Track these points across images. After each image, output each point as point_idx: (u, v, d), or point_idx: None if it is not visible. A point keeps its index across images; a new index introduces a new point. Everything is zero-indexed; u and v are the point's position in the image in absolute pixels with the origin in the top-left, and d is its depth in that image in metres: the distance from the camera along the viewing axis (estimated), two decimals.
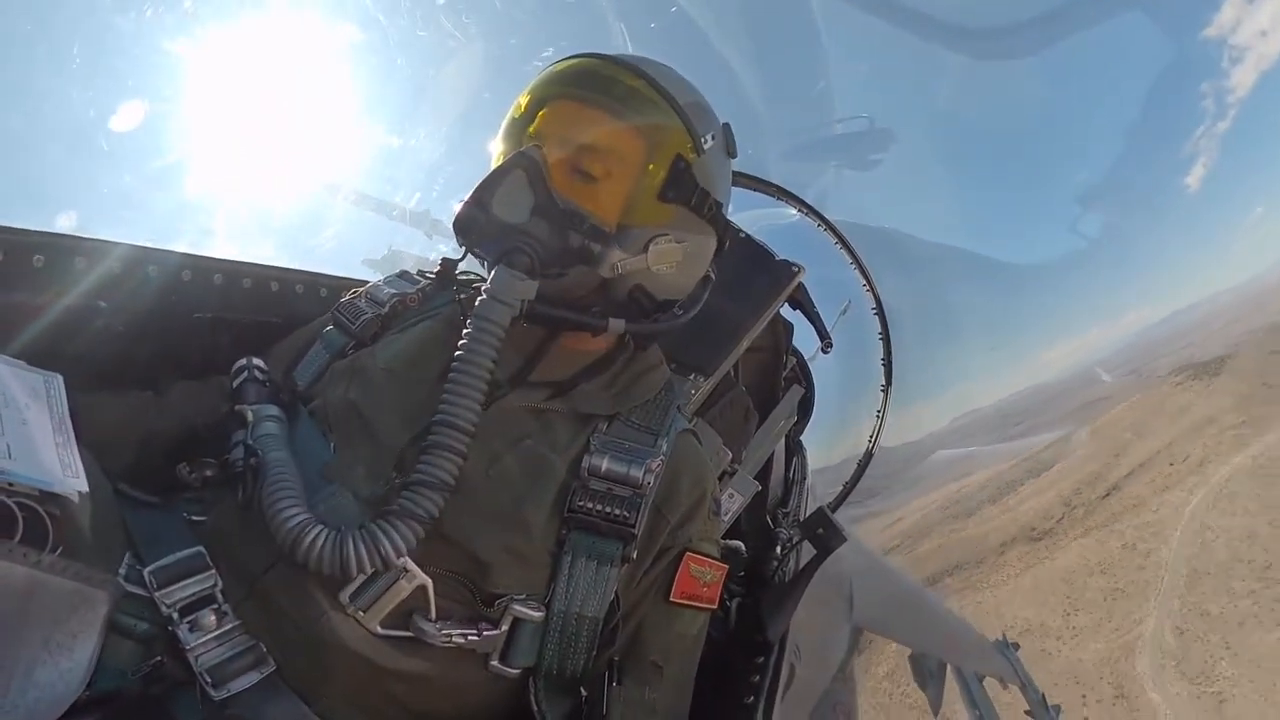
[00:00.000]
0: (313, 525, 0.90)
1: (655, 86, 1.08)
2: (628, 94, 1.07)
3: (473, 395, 0.95)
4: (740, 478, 1.80)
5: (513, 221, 1.01)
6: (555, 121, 1.07)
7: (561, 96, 1.08)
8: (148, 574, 0.94)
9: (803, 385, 2.30)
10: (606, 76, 1.08)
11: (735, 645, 1.55)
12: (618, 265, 1.07)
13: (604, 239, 1.05)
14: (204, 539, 1.01)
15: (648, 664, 1.06)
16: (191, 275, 1.33)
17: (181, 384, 1.23)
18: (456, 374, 0.96)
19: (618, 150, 1.06)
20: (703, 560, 1.09)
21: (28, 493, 0.79)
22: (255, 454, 0.99)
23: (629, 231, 1.07)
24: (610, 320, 1.07)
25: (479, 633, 0.95)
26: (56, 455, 0.86)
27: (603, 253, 1.05)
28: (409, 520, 0.90)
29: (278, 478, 0.95)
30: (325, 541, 0.89)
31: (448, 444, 0.93)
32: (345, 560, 0.88)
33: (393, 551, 0.89)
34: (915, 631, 5.49)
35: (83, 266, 1.19)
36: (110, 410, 1.14)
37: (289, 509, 0.91)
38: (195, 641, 0.91)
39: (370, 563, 0.89)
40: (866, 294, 2.88)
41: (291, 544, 0.89)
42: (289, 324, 1.40)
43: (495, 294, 0.98)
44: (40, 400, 0.91)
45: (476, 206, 1.02)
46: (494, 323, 0.97)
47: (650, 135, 1.08)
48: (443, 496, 0.92)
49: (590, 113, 1.06)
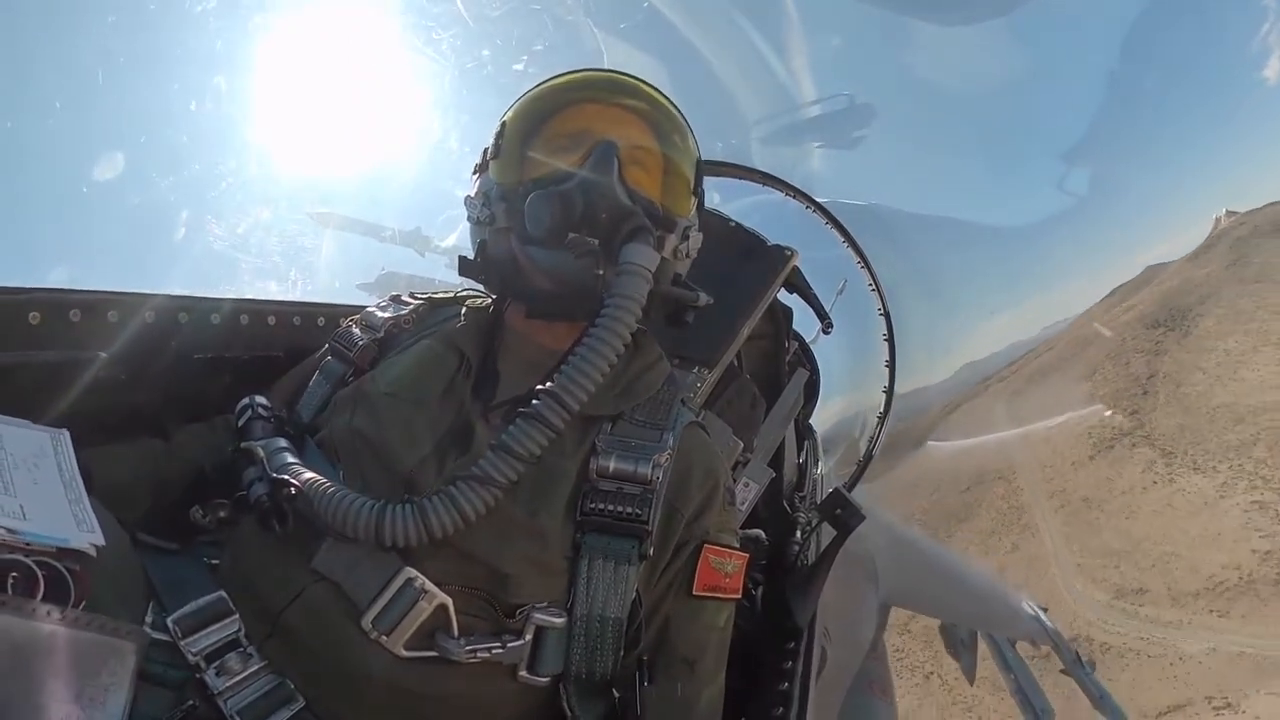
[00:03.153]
0: (390, 505, 0.91)
1: (665, 97, 1.17)
2: (658, 99, 1.16)
3: (598, 374, 0.95)
4: (754, 466, 1.80)
5: (625, 203, 1.04)
6: (605, 120, 1.11)
7: (602, 102, 1.13)
8: (171, 623, 0.94)
9: (807, 368, 2.30)
10: (634, 85, 1.16)
11: (765, 633, 1.55)
12: (677, 250, 1.14)
13: (668, 225, 1.12)
14: (223, 581, 1.01)
15: (678, 660, 1.05)
16: (189, 317, 1.33)
17: (188, 427, 1.23)
18: (586, 351, 0.95)
19: (668, 143, 1.14)
20: (722, 551, 1.09)
21: (45, 551, 0.79)
22: (288, 483, 0.98)
23: (676, 221, 1.14)
24: (700, 293, 1.15)
25: (503, 645, 0.95)
26: (70, 511, 0.86)
27: (663, 238, 1.10)
28: (486, 486, 0.91)
29: (326, 486, 0.95)
30: (409, 513, 0.90)
31: (540, 414, 0.93)
32: (429, 525, 0.89)
33: (471, 510, 0.90)
34: (944, 602, 5.49)
35: (78, 319, 1.18)
36: (120, 460, 1.14)
37: (357, 498, 0.92)
38: (223, 685, 0.91)
39: (453, 523, 0.90)
40: (862, 271, 2.88)
41: (376, 524, 0.90)
42: (289, 356, 1.40)
43: (637, 267, 0.97)
44: (48, 457, 0.91)
45: (584, 190, 1.02)
46: (633, 299, 0.96)
47: (687, 136, 1.17)
48: (522, 466, 0.92)
49: (640, 112, 1.13)
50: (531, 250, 1.06)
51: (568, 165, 1.07)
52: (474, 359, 1.12)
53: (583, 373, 0.94)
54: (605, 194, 1.02)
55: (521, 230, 1.06)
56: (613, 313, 0.96)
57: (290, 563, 0.98)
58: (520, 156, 1.12)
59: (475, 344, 1.14)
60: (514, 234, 1.08)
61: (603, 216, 1.01)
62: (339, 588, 0.95)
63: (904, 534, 5.53)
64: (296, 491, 0.96)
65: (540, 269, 1.06)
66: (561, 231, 1.01)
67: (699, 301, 1.15)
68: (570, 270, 1.02)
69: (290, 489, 0.97)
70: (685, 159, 1.17)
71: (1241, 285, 14.01)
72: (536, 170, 1.09)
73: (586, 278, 1.00)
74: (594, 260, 1.00)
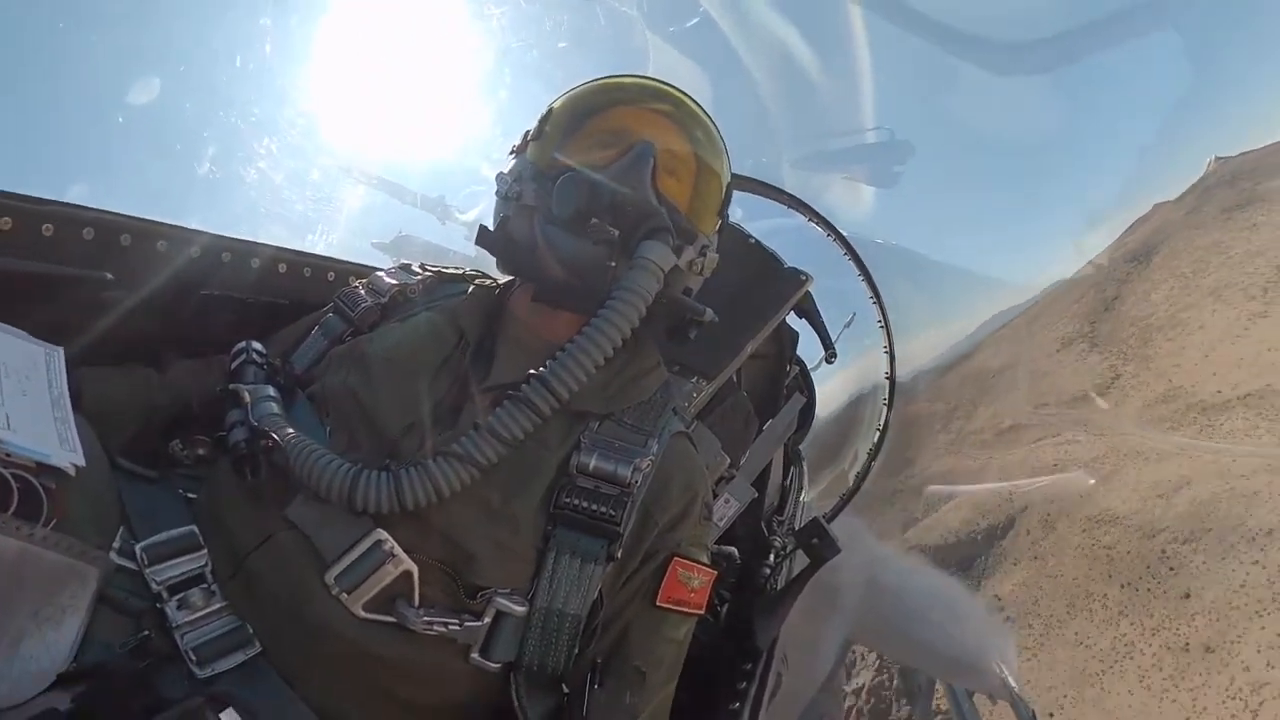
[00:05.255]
0: (366, 469, 0.92)
1: (709, 118, 1.18)
2: (703, 119, 1.17)
3: (592, 363, 0.96)
4: (737, 483, 1.80)
5: (652, 203, 1.04)
6: (651, 127, 1.12)
7: (651, 108, 1.14)
8: (139, 550, 0.94)
9: (804, 394, 2.29)
10: (682, 100, 1.17)
11: (724, 650, 1.55)
12: (693, 264, 1.13)
13: (689, 236, 1.11)
14: (196, 517, 1.02)
15: (631, 668, 1.05)
16: (200, 252, 1.33)
17: (182, 361, 1.24)
18: (586, 338, 0.96)
19: (703, 162, 1.15)
20: (690, 565, 1.09)
21: (24, 464, 0.79)
22: (266, 435, 0.99)
23: (697, 235, 1.14)
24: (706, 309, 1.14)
25: (460, 623, 0.95)
26: (55, 428, 0.86)
27: (681, 247, 1.09)
28: (466, 463, 0.92)
29: (305, 443, 0.96)
30: (383, 481, 0.91)
31: (528, 398, 0.95)
32: (402, 495, 0.90)
33: (446, 486, 0.91)
34: (908, 648, 5.48)
35: (91, 237, 1.19)
36: (112, 383, 1.14)
37: (334, 459, 0.93)
38: (182, 620, 0.91)
39: (426, 497, 0.91)
40: (873, 306, 2.87)
41: (350, 487, 0.91)
42: (295, 306, 1.40)
43: (650, 262, 0.99)
44: (40, 372, 0.91)
45: (615, 182, 1.03)
46: (640, 293, 0.98)
47: (720, 156, 1.18)
48: (503, 449, 0.94)
49: (684, 126, 1.14)
50: (551, 231, 1.06)
51: (604, 158, 1.07)
52: (473, 338, 1.12)
53: (577, 361, 0.95)
54: (635, 189, 1.03)
55: (547, 211, 1.06)
56: (616, 305, 0.97)
57: (263, 508, 0.98)
58: (561, 142, 1.12)
59: (477, 324, 1.14)
60: (538, 214, 1.08)
61: (628, 210, 1.02)
62: (308, 539, 0.95)
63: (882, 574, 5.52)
64: (274, 445, 0.97)
65: (556, 251, 1.06)
66: (585, 217, 1.01)
67: (704, 317, 1.15)
68: (585, 257, 1.02)
69: (268, 442, 0.97)
70: (716, 181, 1.18)
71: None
72: (574, 157, 1.09)
73: (598, 268, 1.01)
74: (609, 250, 1.00)
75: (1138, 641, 7.55)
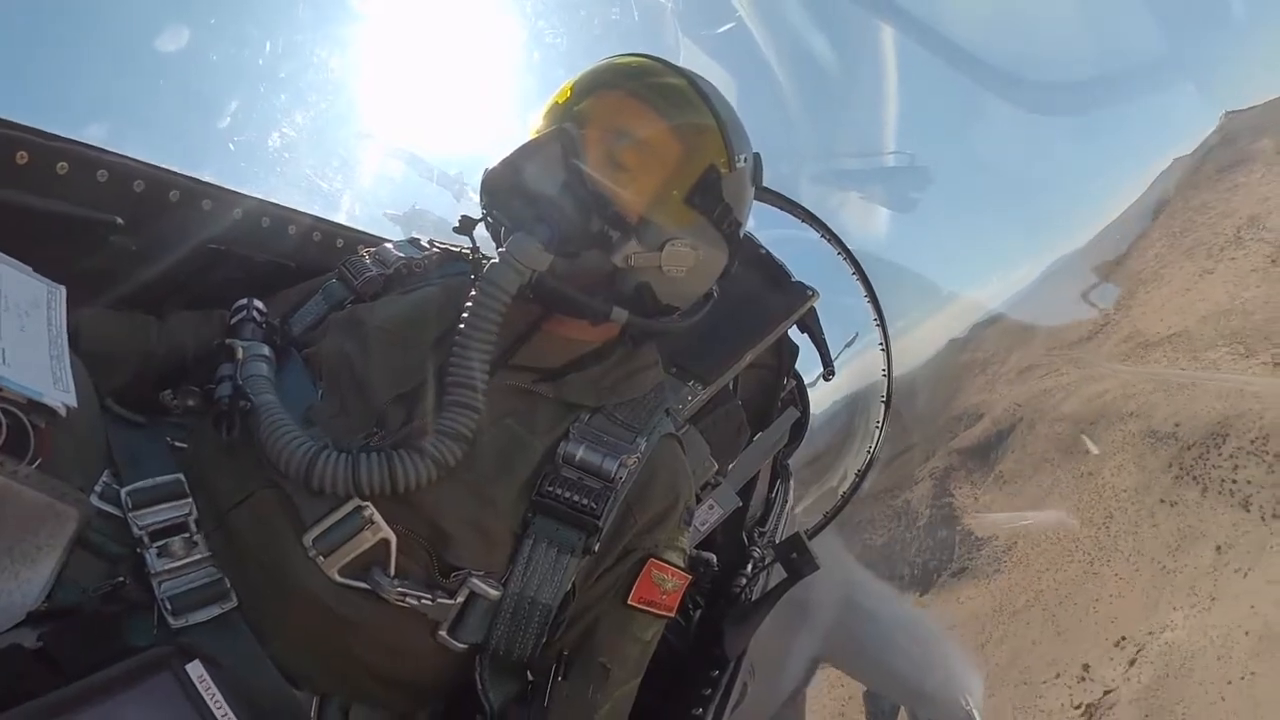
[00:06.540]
0: (327, 450, 0.92)
1: (701, 94, 1.11)
2: (674, 95, 1.09)
3: (481, 355, 0.97)
4: (723, 491, 1.80)
5: (542, 191, 1.02)
6: (599, 108, 1.08)
7: (609, 86, 1.10)
8: (124, 494, 0.94)
9: (799, 409, 2.29)
10: (656, 75, 1.11)
11: (692, 655, 1.55)
12: (631, 257, 1.07)
13: (624, 228, 1.06)
14: (183, 466, 1.01)
15: (596, 664, 1.05)
16: (211, 205, 1.33)
17: (182, 312, 1.23)
18: (464, 335, 0.97)
19: (654, 145, 1.08)
20: (665, 567, 1.09)
21: (16, 400, 0.78)
22: (245, 396, 0.99)
23: (649, 227, 1.07)
24: (614, 308, 1.07)
25: (433, 599, 0.95)
26: (50, 367, 0.86)
27: (619, 241, 1.05)
28: (427, 459, 0.92)
29: (274, 415, 0.96)
30: (341, 463, 0.91)
31: (465, 401, 0.96)
32: (358, 480, 0.91)
33: (403, 481, 0.91)
34: (877, 672, 5.49)
35: (105, 179, 1.18)
36: (111, 326, 1.14)
37: (296, 437, 0.93)
38: (161, 568, 0.91)
39: (381, 486, 0.91)
40: (876, 329, 2.87)
41: (307, 467, 0.91)
42: (301, 268, 1.40)
43: (511, 258, 0.99)
44: (40, 310, 0.91)
45: (509, 169, 1.04)
46: (502, 288, 0.98)
47: (689, 138, 1.09)
48: (461, 448, 0.95)
49: (635, 105, 1.08)
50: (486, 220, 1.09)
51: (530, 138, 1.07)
52: None
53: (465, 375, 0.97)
54: (523, 175, 1.03)
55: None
56: (474, 307, 0.98)
57: (248, 464, 0.98)
58: (537, 125, 1.12)
59: None
60: None
61: (514, 202, 1.03)
62: (290, 499, 0.95)
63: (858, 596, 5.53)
64: (250, 407, 0.98)
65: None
66: (489, 207, 1.05)
67: (661, 329, 1.14)
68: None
69: (245, 403, 0.98)
70: (686, 166, 1.09)
71: None
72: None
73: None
74: (500, 243, 1.03)
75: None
